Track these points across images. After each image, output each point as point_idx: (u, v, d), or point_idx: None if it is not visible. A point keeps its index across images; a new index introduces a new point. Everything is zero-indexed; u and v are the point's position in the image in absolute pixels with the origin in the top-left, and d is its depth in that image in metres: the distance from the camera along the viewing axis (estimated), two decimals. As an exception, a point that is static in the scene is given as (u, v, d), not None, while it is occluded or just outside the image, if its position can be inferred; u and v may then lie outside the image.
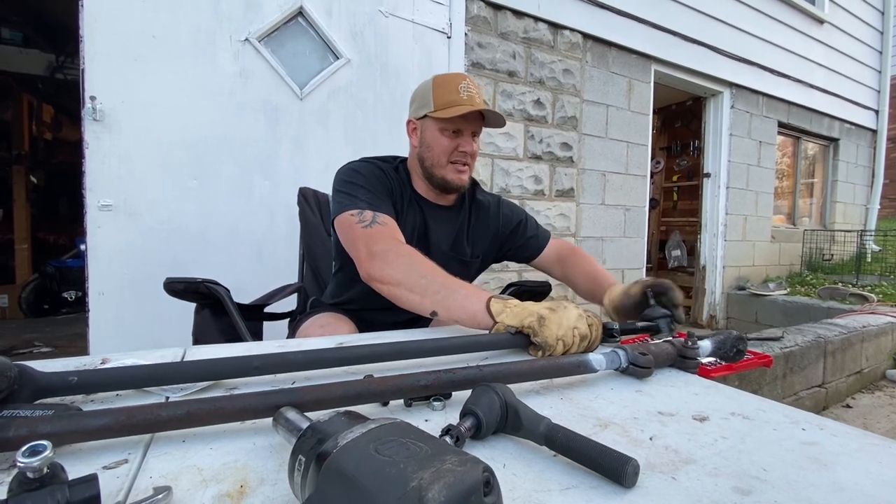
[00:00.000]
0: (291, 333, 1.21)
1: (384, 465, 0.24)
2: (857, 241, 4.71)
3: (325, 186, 1.60)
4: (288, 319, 1.40)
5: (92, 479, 0.29)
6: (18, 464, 0.27)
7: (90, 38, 1.66)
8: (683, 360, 0.66)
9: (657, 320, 0.83)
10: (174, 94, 1.81)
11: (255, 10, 1.95)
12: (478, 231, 1.19)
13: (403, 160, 1.17)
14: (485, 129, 1.13)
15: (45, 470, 0.28)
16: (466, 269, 1.19)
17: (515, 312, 0.70)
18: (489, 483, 0.25)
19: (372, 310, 1.12)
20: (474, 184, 1.22)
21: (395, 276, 0.85)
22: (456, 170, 1.07)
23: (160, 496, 0.31)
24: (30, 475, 0.27)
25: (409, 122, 1.12)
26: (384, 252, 0.88)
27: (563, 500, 0.34)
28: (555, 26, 2.85)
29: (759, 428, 0.48)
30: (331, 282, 1.25)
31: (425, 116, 1.06)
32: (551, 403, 0.53)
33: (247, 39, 1.94)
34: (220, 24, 1.89)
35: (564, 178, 2.98)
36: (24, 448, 0.28)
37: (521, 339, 0.68)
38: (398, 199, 1.09)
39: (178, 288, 1.09)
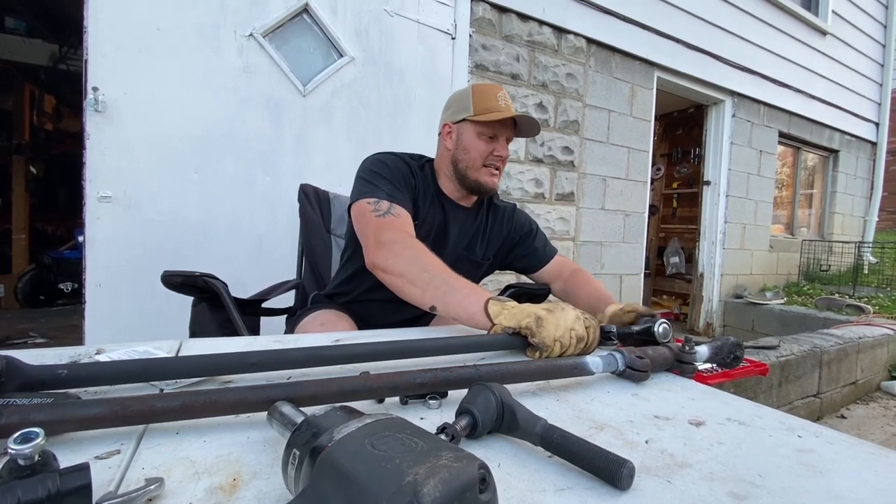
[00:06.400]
0: (290, 329, 1.20)
1: (380, 460, 0.24)
2: (855, 252, 4.73)
3: (327, 183, 1.60)
4: (285, 316, 1.39)
5: (84, 468, 0.28)
6: (9, 451, 0.27)
7: (94, 28, 1.66)
8: (680, 365, 0.66)
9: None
10: (177, 88, 1.81)
11: (260, 5, 1.95)
12: (492, 234, 1.23)
13: (430, 160, 1.19)
14: None
15: (37, 457, 0.28)
16: (477, 269, 1.22)
17: (513, 314, 0.70)
18: (485, 480, 0.25)
19: (373, 301, 1.14)
20: None
21: (399, 267, 0.86)
22: (489, 173, 1.10)
23: (152, 487, 0.31)
24: (21, 462, 0.27)
25: (444, 125, 1.14)
26: (391, 242, 0.89)
27: (558, 500, 0.34)
28: (559, 30, 2.86)
29: (755, 434, 0.47)
30: (338, 269, 1.26)
31: (463, 120, 1.08)
32: (547, 405, 0.53)
33: (251, 35, 1.94)
34: (225, 19, 1.89)
35: (565, 182, 2.98)
36: (15, 435, 0.27)
37: (519, 340, 0.68)
38: (420, 196, 1.10)
39: (176, 281, 1.09)
